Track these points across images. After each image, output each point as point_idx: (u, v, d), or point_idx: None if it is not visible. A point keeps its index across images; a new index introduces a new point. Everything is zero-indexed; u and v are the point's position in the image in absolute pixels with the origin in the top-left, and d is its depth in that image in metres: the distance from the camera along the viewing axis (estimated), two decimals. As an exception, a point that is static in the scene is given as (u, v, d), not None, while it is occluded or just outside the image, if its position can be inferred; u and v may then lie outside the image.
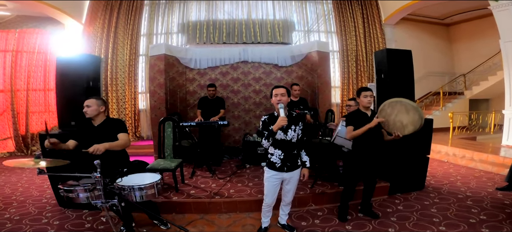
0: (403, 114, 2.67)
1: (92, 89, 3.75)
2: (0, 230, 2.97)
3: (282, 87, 2.39)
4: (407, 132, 2.69)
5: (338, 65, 8.65)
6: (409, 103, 2.67)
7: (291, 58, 5.86)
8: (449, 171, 5.00)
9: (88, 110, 2.53)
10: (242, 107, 5.99)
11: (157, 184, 2.31)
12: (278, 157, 2.36)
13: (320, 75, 5.66)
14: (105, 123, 2.60)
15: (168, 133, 3.96)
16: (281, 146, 2.36)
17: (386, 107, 2.74)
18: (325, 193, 3.40)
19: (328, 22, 8.32)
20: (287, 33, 7.74)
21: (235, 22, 7.42)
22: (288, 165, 2.37)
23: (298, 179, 2.48)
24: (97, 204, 2.00)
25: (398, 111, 2.69)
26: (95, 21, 7.76)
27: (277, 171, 2.38)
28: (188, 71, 5.75)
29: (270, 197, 2.47)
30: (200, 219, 3.14)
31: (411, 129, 2.66)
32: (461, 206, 3.34)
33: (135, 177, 2.41)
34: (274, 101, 2.33)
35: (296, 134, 2.37)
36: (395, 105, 2.70)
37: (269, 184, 2.43)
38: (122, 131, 2.59)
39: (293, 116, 2.40)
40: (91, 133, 2.54)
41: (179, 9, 7.67)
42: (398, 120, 2.70)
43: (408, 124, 2.67)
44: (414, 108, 2.65)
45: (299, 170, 2.46)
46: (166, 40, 7.70)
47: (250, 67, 5.95)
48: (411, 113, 2.64)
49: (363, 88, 2.91)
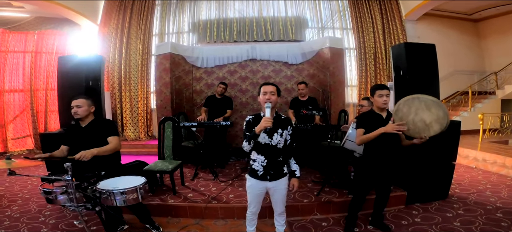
0: (424, 112, 2.27)
1: (92, 88, 3.69)
2: (-3, 229, 2.96)
3: (272, 84, 2.10)
4: (433, 133, 2.27)
5: (355, 63, 8.26)
6: (428, 98, 2.26)
7: (302, 56, 5.57)
8: (477, 178, 4.49)
9: (78, 110, 2.42)
10: (250, 106, 5.78)
11: (139, 188, 2.13)
12: (261, 164, 2.06)
13: (332, 73, 5.32)
14: (94, 124, 2.48)
15: (168, 133, 3.83)
16: (265, 151, 2.06)
17: (402, 106, 2.32)
18: (331, 201, 3.10)
19: (343, 19, 7.92)
20: (299, 31, 7.44)
21: (245, 20, 7.23)
22: (271, 174, 2.07)
23: (285, 189, 2.16)
24: (70, 207, 1.86)
25: (417, 109, 2.28)
26: (109, 21, 7.88)
27: (259, 180, 2.08)
28: (195, 70, 5.63)
29: (253, 206, 2.20)
30: (194, 224, 2.96)
31: (438, 128, 2.25)
32: (489, 219, 2.92)
33: (120, 180, 2.26)
34: (262, 99, 2.03)
35: (283, 139, 2.07)
36: (411, 102, 2.30)
37: (251, 193, 2.17)
38: (113, 134, 2.46)
39: (282, 118, 2.11)
40: (79, 134, 2.43)
41: (190, 8, 7.61)
42: (418, 119, 2.28)
43: (433, 123, 2.25)
44: (436, 103, 2.24)
45: (285, 179, 2.14)
46: (177, 39, 7.67)
47: (259, 65, 5.72)
48: (434, 109, 2.24)
49: (378, 86, 2.53)
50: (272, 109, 2.02)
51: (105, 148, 2.33)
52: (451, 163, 3.54)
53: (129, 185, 2.12)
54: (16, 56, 7.72)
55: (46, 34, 8.06)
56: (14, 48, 7.72)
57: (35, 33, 7.87)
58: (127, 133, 7.69)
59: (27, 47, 7.84)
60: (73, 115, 2.45)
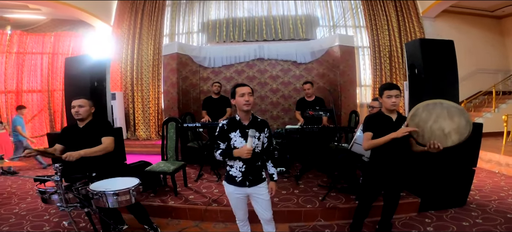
0: (445, 120, 2.04)
1: (97, 89, 3.71)
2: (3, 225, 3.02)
3: (247, 85, 1.96)
4: (450, 144, 2.04)
5: (368, 62, 7.97)
6: (452, 105, 2.04)
7: (311, 54, 5.41)
8: (499, 184, 4.16)
9: (80, 110, 2.41)
10: (258, 107, 5.68)
11: (132, 190, 2.08)
12: (239, 169, 1.94)
13: (343, 72, 5.13)
14: (91, 125, 2.47)
15: (171, 134, 3.79)
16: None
17: (421, 111, 2.07)
18: (337, 207, 2.93)
19: (356, 17, 7.66)
20: (310, 29, 7.27)
21: (254, 19, 7.15)
22: (251, 179, 1.95)
23: (267, 194, 2.02)
24: (60, 208, 1.84)
25: (437, 116, 2.05)
26: (122, 23, 8.02)
27: (237, 186, 1.96)
28: (202, 70, 5.60)
29: (238, 214, 2.09)
30: (194, 226, 2.90)
31: (456, 139, 2.03)
32: (510, 228, 2.66)
33: (115, 181, 2.22)
34: (240, 102, 1.88)
35: (260, 143, 1.96)
36: (433, 108, 2.06)
37: (232, 201, 2.05)
38: (106, 134, 2.43)
39: (258, 121, 1.99)
40: (76, 134, 2.42)
41: (199, 8, 7.61)
42: (437, 127, 2.05)
43: (452, 133, 2.03)
44: (460, 111, 2.02)
45: (265, 184, 2.02)
46: (187, 39, 7.69)
47: (267, 64, 5.62)
48: (457, 117, 2.01)
49: (387, 85, 2.29)
50: (249, 112, 1.93)
51: (94, 149, 2.29)
52: (470, 168, 3.28)
53: (122, 186, 2.08)
54: (34, 57, 8.02)
55: (62, 36, 8.32)
56: (32, 50, 8.02)
57: (51, 35, 8.15)
58: (139, 132, 7.80)
59: (44, 49, 8.12)
60: (74, 115, 2.44)
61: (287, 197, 3.21)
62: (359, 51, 8.05)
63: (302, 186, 3.57)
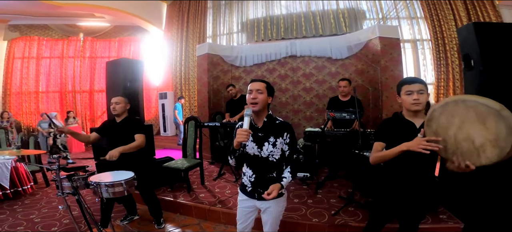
0: (474, 126, 1.36)
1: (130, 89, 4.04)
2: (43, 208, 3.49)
3: (261, 81, 1.68)
4: (486, 161, 1.35)
5: (430, 57, 6.94)
6: (482, 102, 1.34)
7: (348, 49, 4.90)
8: None
9: (117, 106, 2.68)
10: (290, 107, 5.43)
11: (126, 182, 2.21)
12: (249, 178, 1.72)
13: (385, 67, 4.50)
14: (126, 121, 2.73)
15: (191, 132, 3.88)
16: (253, 164, 1.69)
17: (437, 113, 1.47)
18: (347, 225, 2.53)
19: (410, 7, 6.70)
20: (355, 23, 6.64)
21: (293, 16, 6.88)
22: (260, 192, 1.66)
23: (279, 211, 1.75)
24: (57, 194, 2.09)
25: (462, 121, 1.40)
26: (171, 26, 8.66)
27: (248, 196, 1.75)
28: (234, 69, 5.61)
29: (240, 225, 1.84)
30: (196, 225, 2.91)
31: (495, 154, 1.31)
32: None
33: (115, 173, 2.38)
34: (248, 100, 1.66)
35: (277, 150, 1.65)
36: (454, 108, 1.42)
37: (239, 209, 1.83)
38: (139, 132, 2.68)
39: (276, 123, 1.68)
40: (113, 128, 2.71)
41: (238, 8, 7.69)
42: (463, 137, 1.40)
43: (487, 145, 1.33)
44: (495, 112, 1.29)
45: (278, 201, 1.71)
46: (228, 40, 7.86)
47: (300, 62, 5.31)
48: (491, 121, 1.31)
49: (407, 79, 1.72)
50: (261, 112, 1.66)
51: (130, 146, 2.55)
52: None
53: (116, 179, 2.22)
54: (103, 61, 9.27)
55: (124, 41, 9.41)
56: (101, 54, 9.27)
57: (116, 40, 9.29)
58: (185, 129, 8.32)
59: (110, 53, 9.31)
60: (111, 111, 2.73)
61: (296, 206, 2.95)
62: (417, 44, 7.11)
63: (320, 196, 3.24)
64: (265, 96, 1.64)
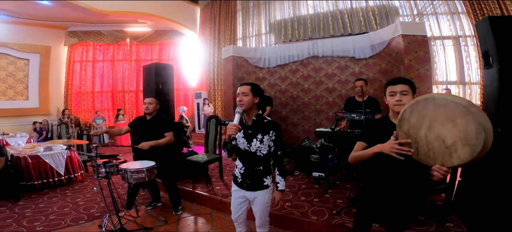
0: (443, 125, 1.31)
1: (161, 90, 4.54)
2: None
3: (247, 84, 1.89)
4: (458, 161, 1.30)
5: (474, 54, 6.41)
6: (450, 100, 1.30)
7: (371, 48, 4.79)
8: None
9: (150, 106, 3.16)
10: (313, 107, 5.48)
11: (147, 169, 2.70)
12: (239, 170, 1.95)
13: (409, 66, 4.33)
14: (156, 119, 3.18)
15: (212, 129, 4.20)
16: (243, 158, 1.92)
17: (408, 114, 1.41)
18: (344, 225, 2.58)
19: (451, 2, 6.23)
20: (386, 20, 6.38)
21: (319, 15, 6.84)
22: (248, 183, 1.90)
23: (265, 202, 1.93)
24: (94, 177, 2.63)
25: (432, 120, 1.35)
26: (205, 30, 9.19)
27: (238, 187, 1.98)
28: (258, 71, 5.83)
29: (233, 213, 2.07)
30: (208, 214, 3.22)
31: (466, 154, 1.26)
32: None
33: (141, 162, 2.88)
34: (237, 101, 1.90)
35: (264, 146, 1.86)
36: (423, 108, 1.37)
37: (232, 199, 2.07)
38: (168, 130, 3.15)
39: (264, 122, 1.88)
40: (145, 125, 3.20)
41: (266, 10, 7.87)
42: (434, 137, 1.35)
43: (458, 144, 1.28)
44: (464, 109, 1.25)
45: (265, 192, 1.92)
46: (257, 41, 8.11)
47: (322, 62, 5.33)
48: (461, 119, 1.26)
49: (391, 80, 1.68)
50: (251, 111, 1.88)
51: (160, 141, 3.05)
52: None
53: (140, 166, 2.72)
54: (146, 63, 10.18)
55: (164, 45, 10.24)
56: (144, 57, 10.22)
57: (157, 44, 10.15)
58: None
59: (152, 56, 10.20)
60: (144, 110, 3.21)
61: (299, 204, 3.07)
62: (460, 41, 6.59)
63: (328, 196, 3.31)
64: (250, 97, 1.86)
